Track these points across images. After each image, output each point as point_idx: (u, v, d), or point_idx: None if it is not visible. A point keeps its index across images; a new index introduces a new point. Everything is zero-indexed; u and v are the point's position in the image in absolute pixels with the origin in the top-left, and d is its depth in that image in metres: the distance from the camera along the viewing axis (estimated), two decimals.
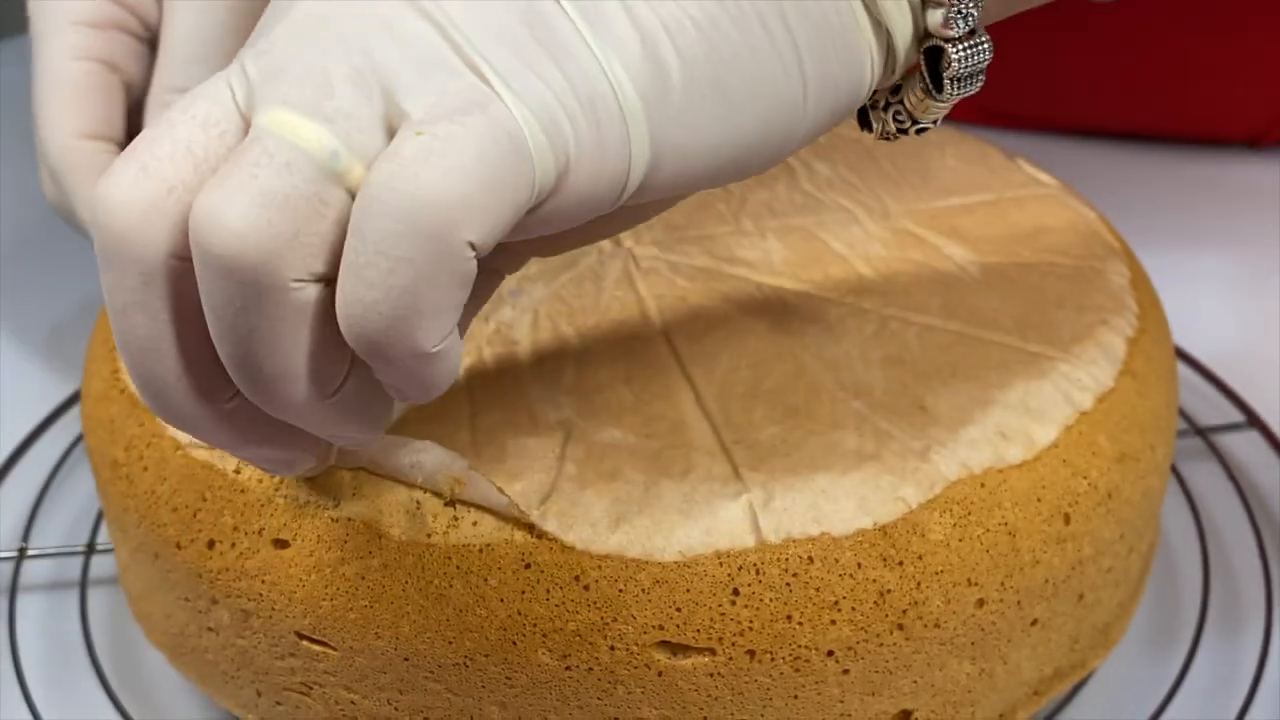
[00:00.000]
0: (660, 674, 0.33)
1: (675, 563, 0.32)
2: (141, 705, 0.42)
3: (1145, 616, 0.45)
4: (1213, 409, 0.51)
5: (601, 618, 0.32)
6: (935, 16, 0.29)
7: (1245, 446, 0.50)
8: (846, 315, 0.39)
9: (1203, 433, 0.50)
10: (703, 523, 0.33)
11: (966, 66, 0.29)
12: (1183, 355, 0.52)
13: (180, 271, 0.26)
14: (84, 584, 0.45)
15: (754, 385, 0.36)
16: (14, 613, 0.45)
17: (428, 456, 0.34)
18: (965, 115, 0.72)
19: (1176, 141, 0.67)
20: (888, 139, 0.31)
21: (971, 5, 0.29)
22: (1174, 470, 0.48)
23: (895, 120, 0.31)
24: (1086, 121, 0.70)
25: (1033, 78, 0.68)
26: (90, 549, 0.47)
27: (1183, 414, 0.50)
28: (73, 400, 0.52)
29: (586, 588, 0.32)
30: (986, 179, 0.46)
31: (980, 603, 0.34)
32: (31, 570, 0.47)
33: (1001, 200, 0.45)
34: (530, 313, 0.39)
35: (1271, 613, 0.44)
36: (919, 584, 0.33)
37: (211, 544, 0.35)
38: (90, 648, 0.43)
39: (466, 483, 0.33)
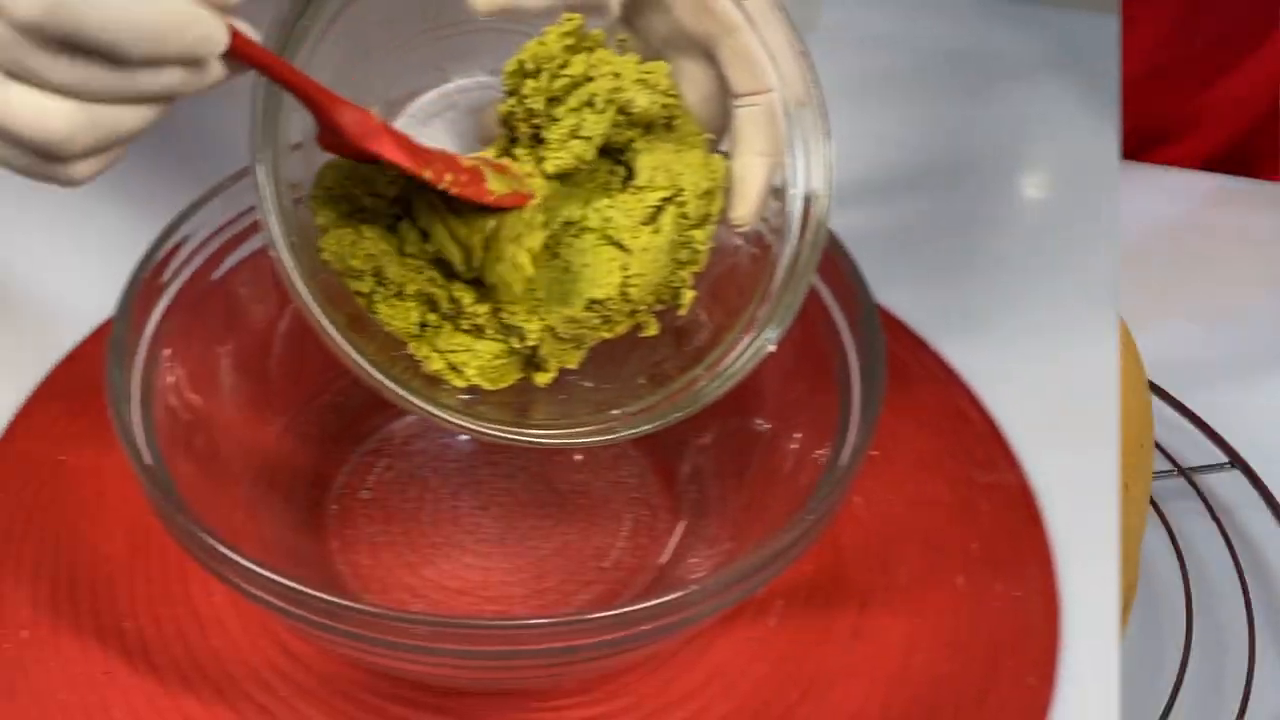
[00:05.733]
0: None
1: None
2: None
3: (1127, 654, 0.45)
4: (1196, 449, 0.52)
5: None
6: None
7: (1229, 486, 0.50)
8: None
9: (1186, 473, 0.50)
10: None
11: None
12: (1166, 396, 0.52)
13: None
14: None
15: None
16: None
17: None
18: None
19: None
20: None
21: None
22: (1157, 510, 0.49)
23: None
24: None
25: None
26: None
27: (1166, 454, 0.51)
28: None
29: None
30: None
31: None
32: None
33: None
34: None
35: (1254, 651, 0.44)
36: None
37: None
38: None
39: None
